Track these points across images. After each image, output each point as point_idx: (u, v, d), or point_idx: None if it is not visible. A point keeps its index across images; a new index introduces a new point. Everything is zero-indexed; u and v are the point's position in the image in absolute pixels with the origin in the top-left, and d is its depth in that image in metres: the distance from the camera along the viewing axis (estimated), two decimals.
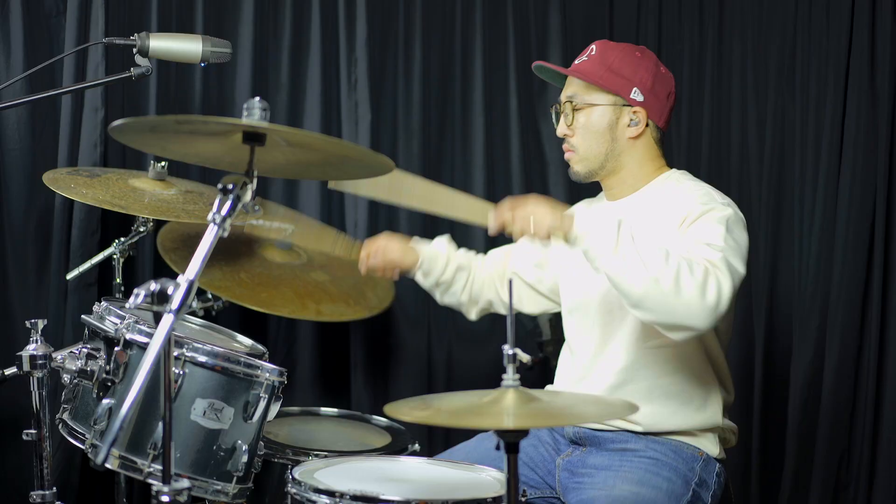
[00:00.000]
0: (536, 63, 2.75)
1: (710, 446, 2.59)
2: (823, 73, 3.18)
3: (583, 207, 2.83)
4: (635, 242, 2.32)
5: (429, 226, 3.65)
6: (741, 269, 2.40)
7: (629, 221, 2.38)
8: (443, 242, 2.91)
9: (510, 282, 2.14)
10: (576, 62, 2.67)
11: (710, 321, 2.31)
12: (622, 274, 2.31)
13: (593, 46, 2.66)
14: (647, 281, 2.28)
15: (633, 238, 2.33)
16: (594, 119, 2.61)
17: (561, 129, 2.66)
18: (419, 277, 2.90)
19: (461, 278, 2.90)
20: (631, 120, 2.61)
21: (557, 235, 2.38)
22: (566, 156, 2.68)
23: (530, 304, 2.92)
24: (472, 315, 2.96)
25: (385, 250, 2.84)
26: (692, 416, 2.57)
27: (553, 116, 2.70)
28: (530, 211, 2.40)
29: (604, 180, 2.69)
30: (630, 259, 2.29)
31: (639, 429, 2.56)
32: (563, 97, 2.68)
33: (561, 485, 2.60)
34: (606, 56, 2.62)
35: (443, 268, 2.87)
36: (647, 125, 2.61)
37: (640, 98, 2.60)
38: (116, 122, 2.02)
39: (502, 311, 2.94)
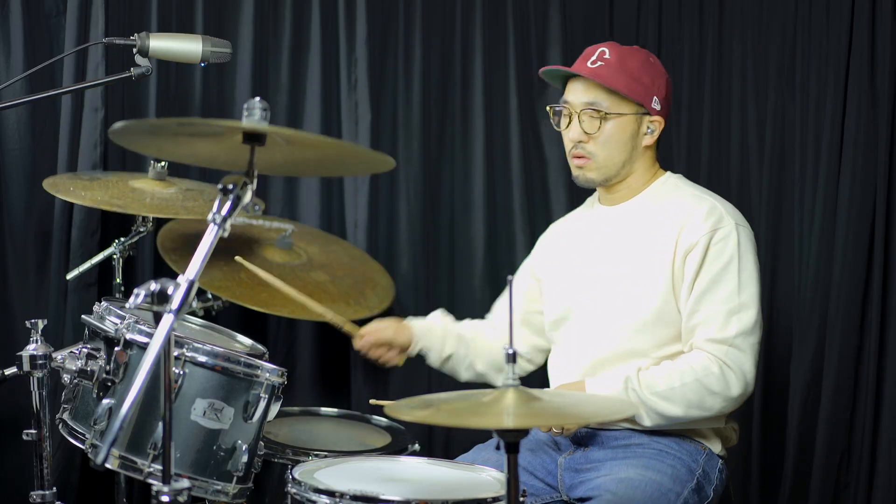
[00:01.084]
0: (548, 68, 2.70)
1: (713, 443, 2.61)
2: (823, 73, 3.17)
3: (569, 230, 2.84)
4: (642, 392, 2.48)
5: (430, 225, 3.65)
6: (755, 309, 2.53)
7: (632, 376, 2.51)
8: (436, 315, 2.93)
9: (510, 281, 2.13)
10: (590, 66, 2.61)
11: (744, 399, 2.54)
12: (654, 423, 2.50)
13: (605, 49, 2.61)
14: (682, 417, 2.49)
15: (640, 388, 2.49)
16: (620, 128, 2.60)
17: (576, 134, 2.62)
18: (429, 359, 2.91)
19: (466, 348, 2.89)
20: (648, 128, 2.62)
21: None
22: (579, 162, 2.64)
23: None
24: (499, 382, 2.91)
25: (378, 331, 2.86)
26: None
27: (552, 117, 2.68)
28: None
29: (611, 186, 2.69)
30: (652, 410, 2.49)
31: (641, 428, 2.57)
32: (576, 101, 2.62)
33: (564, 484, 2.61)
34: (626, 62, 2.60)
35: (441, 341, 2.87)
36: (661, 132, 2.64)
37: (658, 107, 2.62)
38: (117, 125, 2.02)
39: (532, 367, 2.95)
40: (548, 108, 2.71)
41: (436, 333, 2.89)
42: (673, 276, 2.55)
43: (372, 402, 2.71)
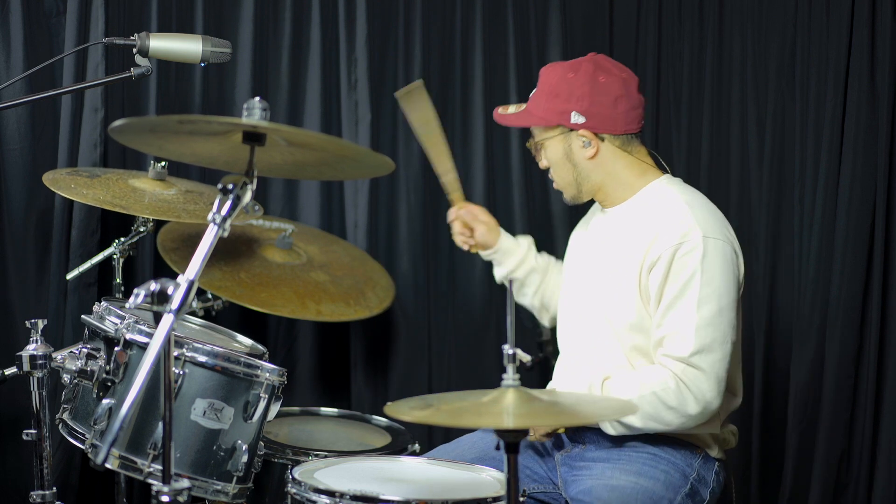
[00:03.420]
0: (496, 117, 2.79)
1: (709, 447, 2.60)
2: (823, 73, 3.18)
3: (580, 232, 2.85)
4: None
5: (430, 226, 3.65)
6: (717, 326, 2.45)
7: (595, 383, 2.50)
8: (525, 241, 2.98)
9: (510, 282, 2.14)
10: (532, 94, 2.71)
11: (706, 417, 2.48)
12: (617, 432, 2.50)
13: (541, 73, 2.70)
14: (641, 428, 2.48)
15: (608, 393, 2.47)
16: (552, 153, 2.67)
17: (541, 164, 2.74)
18: (495, 271, 3.00)
19: (533, 281, 2.96)
20: (583, 142, 2.61)
21: None
22: (554, 185, 2.75)
23: None
24: (545, 321, 3.03)
25: (476, 214, 2.95)
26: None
27: (534, 153, 2.77)
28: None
29: (594, 196, 2.72)
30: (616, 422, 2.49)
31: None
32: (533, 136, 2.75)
33: (562, 479, 2.62)
34: (545, 85, 2.66)
35: (516, 264, 2.94)
36: (601, 140, 2.61)
37: (581, 120, 2.60)
38: (118, 122, 2.02)
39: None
40: (528, 144, 2.77)
41: (514, 255, 2.94)
42: (640, 287, 2.54)
43: None
